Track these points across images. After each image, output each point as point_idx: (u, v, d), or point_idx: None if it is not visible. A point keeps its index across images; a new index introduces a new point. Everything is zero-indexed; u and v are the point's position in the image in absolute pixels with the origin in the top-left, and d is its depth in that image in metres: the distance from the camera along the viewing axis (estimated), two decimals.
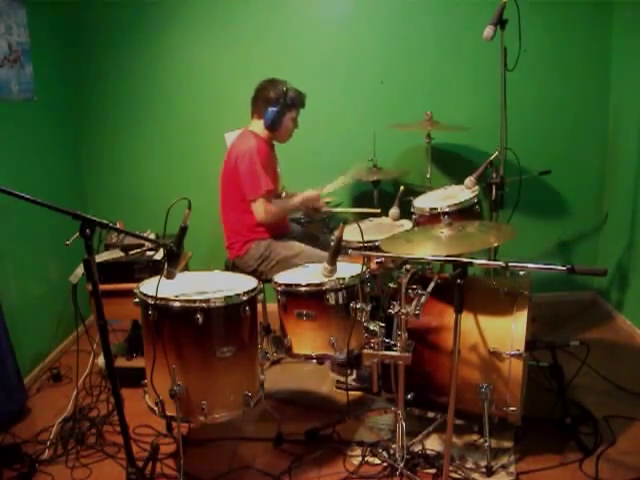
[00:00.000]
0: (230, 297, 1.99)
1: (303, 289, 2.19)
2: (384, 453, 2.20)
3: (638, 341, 3.13)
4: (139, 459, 2.04)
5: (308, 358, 2.24)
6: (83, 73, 3.62)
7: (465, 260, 1.77)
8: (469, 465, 2.14)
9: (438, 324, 2.24)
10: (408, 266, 2.12)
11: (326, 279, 2.13)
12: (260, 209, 2.72)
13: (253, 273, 2.76)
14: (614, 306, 3.51)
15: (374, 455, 2.22)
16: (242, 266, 2.84)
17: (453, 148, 3.60)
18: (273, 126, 2.79)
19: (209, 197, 3.13)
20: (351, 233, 2.69)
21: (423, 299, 2.06)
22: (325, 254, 2.64)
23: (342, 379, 2.80)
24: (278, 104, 2.74)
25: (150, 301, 1.95)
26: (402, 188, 2.82)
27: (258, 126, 2.83)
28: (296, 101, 2.80)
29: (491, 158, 2.67)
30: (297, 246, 2.82)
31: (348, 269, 2.27)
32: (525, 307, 2.15)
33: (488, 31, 2.49)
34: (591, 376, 2.59)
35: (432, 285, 2.13)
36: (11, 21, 2.95)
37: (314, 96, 2.95)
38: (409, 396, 2.19)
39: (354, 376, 2.78)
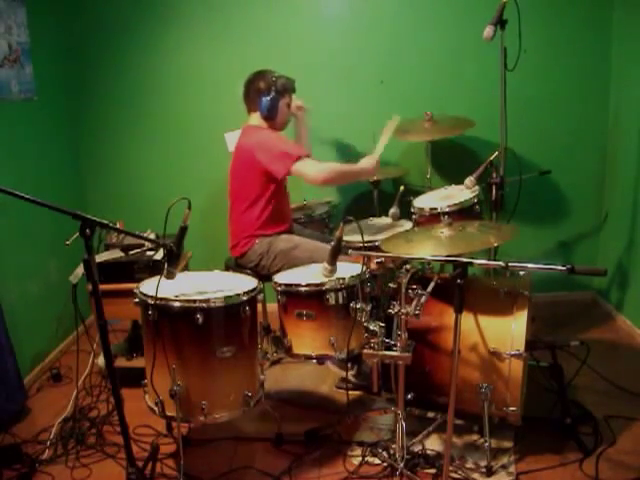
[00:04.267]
0: (230, 297, 1.99)
1: (303, 289, 2.20)
2: (384, 453, 2.20)
3: (638, 341, 3.13)
4: (139, 459, 2.03)
5: (308, 358, 2.24)
6: (83, 73, 3.61)
7: (465, 260, 1.77)
8: (469, 465, 2.14)
9: (438, 324, 2.24)
10: (408, 266, 2.12)
11: (326, 279, 2.13)
12: (307, 167, 2.60)
13: (255, 268, 2.76)
14: (614, 306, 3.51)
15: (374, 455, 2.22)
16: (244, 262, 2.83)
17: (453, 148, 3.59)
18: (270, 114, 2.79)
19: (209, 197, 3.14)
20: (351, 233, 2.70)
21: (423, 299, 2.06)
22: (324, 246, 2.65)
23: (342, 373, 2.80)
24: (270, 92, 2.75)
25: (150, 301, 1.95)
26: (402, 188, 2.82)
27: (256, 119, 2.84)
28: (287, 86, 2.81)
29: (491, 158, 2.67)
30: (296, 239, 2.82)
31: (348, 269, 2.27)
32: (525, 307, 2.15)
33: (488, 31, 2.49)
34: (591, 376, 2.59)
35: (432, 285, 2.13)
36: (11, 21, 2.95)
37: (314, 96, 2.96)
38: (409, 396, 2.19)
39: (354, 371, 2.78)
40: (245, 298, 2.02)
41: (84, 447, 2.36)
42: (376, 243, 2.41)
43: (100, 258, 2.75)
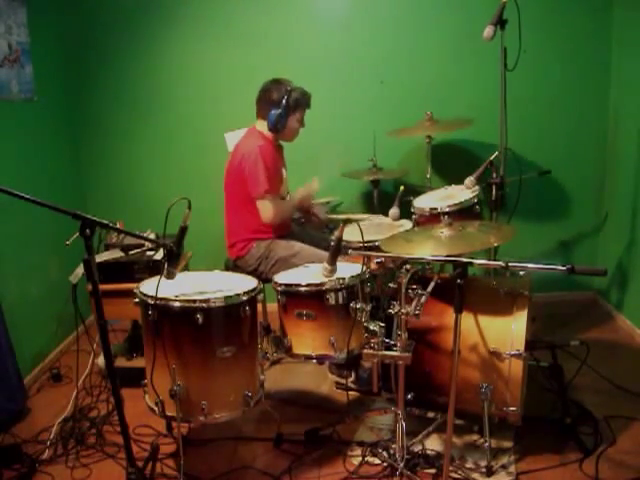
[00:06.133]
0: (230, 297, 1.99)
1: (303, 289, 2.19)
2: (384, 453, 2.20)
3: (638, 341, 3.13)
4: (139, 459, 2.04)
5: (308, 358, 2.24)
6: (83, 73, 3.62)
7: (465, 260, 1.77)
8: (469, 465, 2.14)
9: (438, 324, 2.24)
10: (408, 266, 2.12)
11: (326, 279, 2.13)
12: (266, 208, 2.70)
13: (253, 272, 2.76)
14: (614, 306, 3.51)
15: (374, 455, 2.22)
16: (243, 266, 2.84)
17: (453, 148, 3.60)
18: (276, 129, 2.78)
19: (209, 197, 3.13)
20: (351, 233, 2.69)
21: (423, 299, 2.06)
22: (324, 253, 2.65)
23: (341, 381, 2.80)
24: (281, 107, 2.74)
25: (150, 301, 1.95)
26: (402, 188, 2.82)
27: (263, 126, 2.83)
28: (300, 102, 2.79)
29: (491, 158, 2.67)
30: (296, 245, 2.82)
31: (348, 269, 2.27)
32: (525, 307, 2.15)
33: (488, 31, 2.50)
34: (591, 376, 2.59)
35: (432, 285, 2.13)
36: (11, 21, 2.95)
37: (314, 96, 2.95)
38: (409, 396, 2.19)
39: (352, 378, 2.78)
40: (245, 298, 2.02)
41: (84, 447, 2.36)
42: (376, 243, 2.41)
43: (100, 258, 2.75)
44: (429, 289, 2.11)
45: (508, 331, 2.12)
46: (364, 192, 3.62)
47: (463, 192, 2.81)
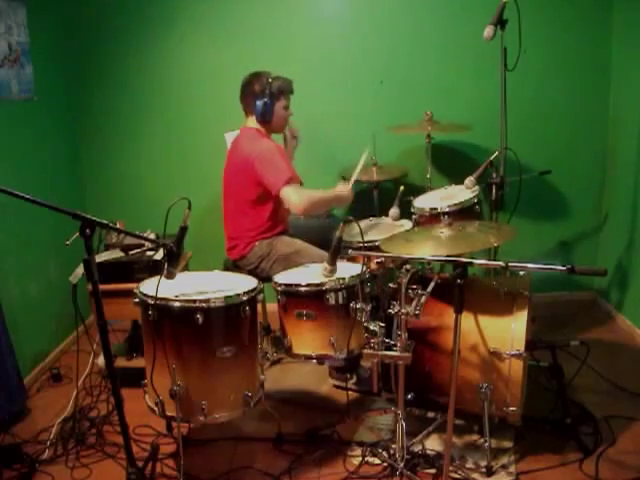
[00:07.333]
0: (230, 297, 1.99)
1: (303, 289, 2.20)
2: (384, 453, 2.20)
3: (638, 341, 3.13)
4: (139, 459, 2.03)
5: (308, 358, 2.24)
6: (83, 73, 3.62)
7: (465, 260, 1.77)
8: (469, 465, 2.15)
9: (438, 324, 2.24)
10: (408, 266, 2.12)
11: (326, 279, 2.13)
12: (292, 195, 2.58)
13: (254, 270, 2.76)
14: (614, 306, 3.51)
15: (374, 455, 2.22)
16: (244, 264, 2.84)
17: (453, 148, 3.59)
18: (264, 118, 2.77)
19: (209, 197, 3.14)
20: (351, 233, 2.69)
21: (423, 299, 2.06)
22: (325, 252, 2.64)
23: (341, 384, 2.79)
24: (265, 96, 2.73)
25: (150, 301, 1.95)
26: (402, 188, 2.82)
27: (253, 122, 2.82)
28: (282, 89, 2.78)
29: (491, 158, 2.67)
30: (297, 244, 2.81)
31: (348, 269, 2.27)
32: (525, 307, 2.15)
33: (488, 31, 2.49)
34: (591, 376, 2.59)
35: (432, 285, 2.13)
36: (11, 21, 2.95)
37: (314, 96, 2.96)
38: (409, 396, 2.19)
39: (354, 380, 2.78)
40: (245, 298, 2.02)
41: (84, 447, 2.36)
42: (376, 243, 2.41)
43: (100, 258, 2.75)
44: (429, 289, 2.11)
45: (508, 331, 2.12)
46: (364, 192, 3.61)
47: (463, 192, 2.81)
